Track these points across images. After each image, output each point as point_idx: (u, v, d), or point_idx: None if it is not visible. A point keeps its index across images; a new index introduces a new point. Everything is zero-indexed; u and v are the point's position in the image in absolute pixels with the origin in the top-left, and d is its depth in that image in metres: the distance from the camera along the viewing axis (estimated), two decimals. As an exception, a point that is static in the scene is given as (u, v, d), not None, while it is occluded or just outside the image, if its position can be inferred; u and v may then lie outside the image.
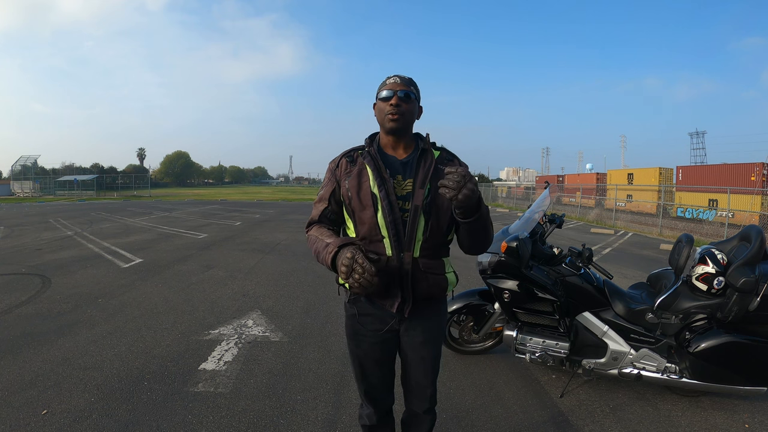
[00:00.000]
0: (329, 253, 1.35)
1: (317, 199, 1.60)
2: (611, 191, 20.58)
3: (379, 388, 1.68)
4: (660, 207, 15.01)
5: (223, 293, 5.10)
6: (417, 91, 1.54)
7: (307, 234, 1.59)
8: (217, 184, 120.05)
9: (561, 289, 2.79)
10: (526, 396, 2.79)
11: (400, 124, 1.48)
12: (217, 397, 2.70)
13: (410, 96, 1.49)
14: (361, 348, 1.60)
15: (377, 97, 1.54)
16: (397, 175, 1.49)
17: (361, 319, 1.57)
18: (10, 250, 8.34)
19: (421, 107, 1.59)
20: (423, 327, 1.57)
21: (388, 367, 1.66)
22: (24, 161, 50.57)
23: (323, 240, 1.44)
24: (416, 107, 1.54)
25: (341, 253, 1.30)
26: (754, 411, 2.63)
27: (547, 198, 3.23)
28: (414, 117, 1.54)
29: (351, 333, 1.62)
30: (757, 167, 16.05)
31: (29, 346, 3.46)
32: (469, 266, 6.41)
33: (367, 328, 1.57)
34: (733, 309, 2.48)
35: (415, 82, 1.55)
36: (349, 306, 1.61)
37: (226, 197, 36.63)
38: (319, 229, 1.54)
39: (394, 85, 1.49)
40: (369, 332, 1.57)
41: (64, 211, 20.01)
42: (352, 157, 1.54)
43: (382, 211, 1.44)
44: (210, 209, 20.79)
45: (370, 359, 1.61)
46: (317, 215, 1.58)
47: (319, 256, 1.43)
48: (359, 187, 1.48)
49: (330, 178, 1.56)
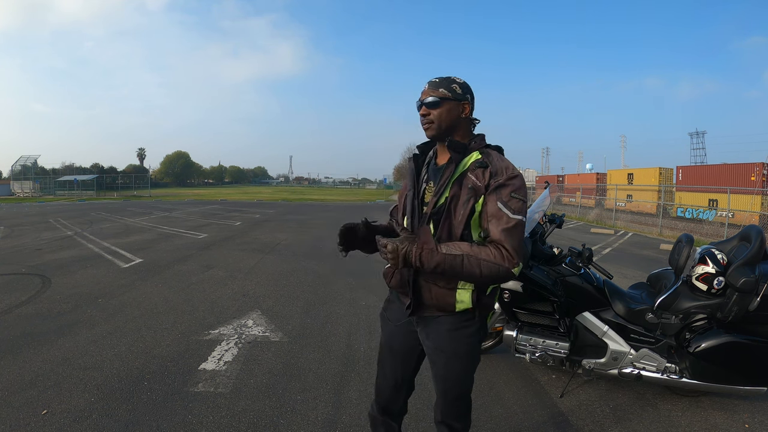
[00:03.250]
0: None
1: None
2: (611, 191, 20.59)
3: (388, 380, 1.69)
4: (660, 207, 15.01)
5: (223, 293, 5.11)
6: (450, 89, 1.46)
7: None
8: (217, 184, 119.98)
9: (561, 289, 2.79)
10: (526, 396, 2.79)
11: (433, 132, 1.49)
12: (217, 397, 2.70)
13: (437, 101, 1.45)
14: (384, 331, 1.72)
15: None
16: (430, 181, 1.53)
17: (387, 305, 1.71)
18: (10, 250, 8.34)
19: (465, 104, 1.48)
20: (434, 334, 1.52)
21: (401, 362, 1.66)
22: (24, 161, 50.54)
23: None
24: (451, 108, 1.46)
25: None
26: (754, 411, 2.63)
27: (547, 198, 3.22)
28: (450, 119, 1.47)
29: (381, 313, 1.74)
30: (757, 167, 16.05)
31: (29, 346, 3.46)
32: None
33: (390, 314, 1.68)
34: (733, 309, 2.48)
35: (450, 80, 1.48)
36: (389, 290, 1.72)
37: (226, 197, 36.63)
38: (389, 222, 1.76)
39: (422, 94, 1.50)
40: (391, 318, 1.67)
41: (64, 211, 20.01)
42: (412, 157, 1.64)
43: (410, 216, 1.54)
44: (210, 209, 20.79)
45: (387, 346, 1.70)
46: (392, 209, 1.79)
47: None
48: (404, 192, 1.61)
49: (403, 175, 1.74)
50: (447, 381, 1.56)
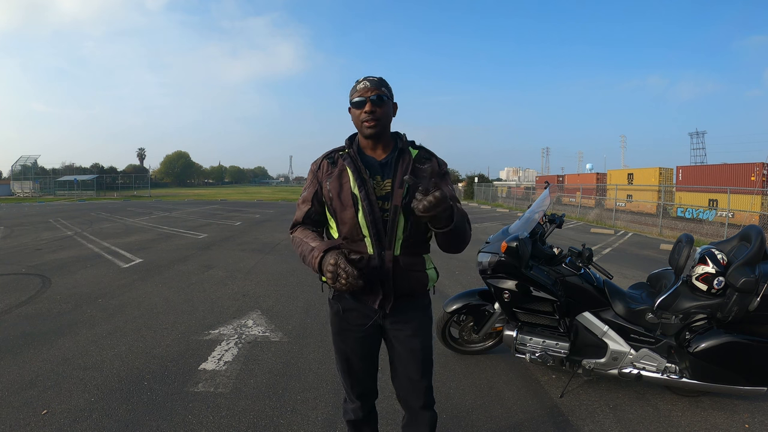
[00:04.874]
0: (315, 258, 1.40)
1: (300, 200, 1.63)
2: (611, 191, 20.58)
3: (365, 382, 1.72)
4: (660, 207, 15.00)
5: (223, 293, 5.11)
6: (389, 89, 1.54)
7: (291, 236, 1.62)
8: (217, 184, 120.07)
9: (561, 289, 2.79)
10: (526, 396, 2.79)
11: (377, 129, 1.50)
12: (217, 397, 2.70)
13: (383, 98, 1.49)
14: (347, 344, 1.65)
15: (351, 102, 1.53)
16: (376, 176, 1.52)
17: (345, 315, 1.62)
18: (10, 250, 8.34)
19: (395, 104, 1.60)
20: (409, 320, 1.60)
21: (371, 361, 1.70)
22: (24, 161, 50.57)
23: (308, 243, 1.49)
24: (390, 107, 1.55)
25: (326, 258, 1.37)
26: (754, 411, 2.63)
27: (547, 198, 3.22)
28: (390, 117, 1.55)
29: (337, 329, 1.66)
30: (757, 167, 16.04)
31: (29, 346, 3.46)
32: (469, 266, 6.43)
33: (352, 323, 1.62)
34: (733, 309, 2.48)
35: (385, 81, 1.55)
36: (333, 302, 1.65)
37: (226, 197, 36.63)
38: (304, 231, 1.57)
39: (365, 91, 1.49)
40: (354, 327, 1.62)
41: (64, 211, 20.01)
42: (333, 159, 1.56)
43: (362, 211, 1.48)
44: (210, 209, 20.79)
45: (356, 354, 1.65)
46: (301, 217, 1.62)
47: (305, 259, 1.48)
48: (340, 188, 1.52)
49: (312, 180, 1.59)
50: (426, 360, 1.66)
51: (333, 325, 1.67)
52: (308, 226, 1.60)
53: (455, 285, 5.38)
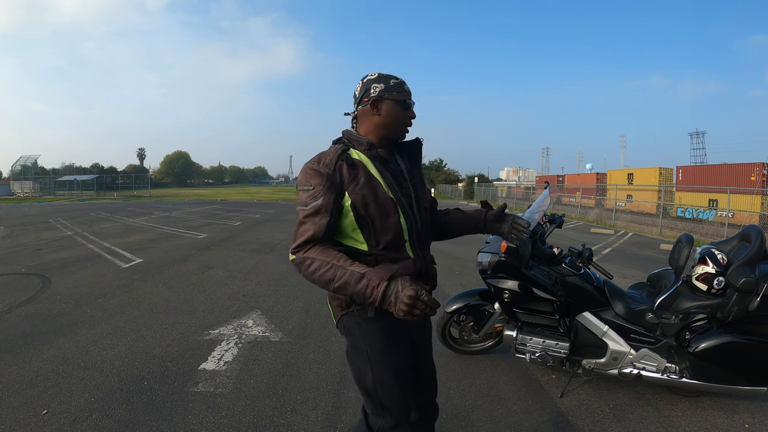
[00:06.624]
0: (376, 288, 1.19)
1: (311, 211, 1.33)
2: (611, 191, 20.57)
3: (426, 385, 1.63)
4: (660, 207, 15.00)
5: (223, 293, 5.10)
6: None
7: (303, 257, 1.33)
8: (217, 184, 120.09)
9: (561, 289, 2.79)
10: (526, 396, 2.79)
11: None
12: (217, 397, 2.70)
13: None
14: (399, 356, 1.43)
15: (392, 98, 1.42)
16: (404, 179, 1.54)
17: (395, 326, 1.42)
18: (10, 250, 8.34)
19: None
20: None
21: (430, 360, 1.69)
22: (24, 161, 50.57)
23: (345, 268, 1.25)
24: None
25: (393, 287, 1.19)
26: (754, 411, 2.63)
27: (547, 198, 3.22)
28: None
29: (384, 341, 1.40)
30: (757, 167, 16.04)
31: (29, 346, 3.46)
32: (470, 266, 6.43)
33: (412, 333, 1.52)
34: (733, 309, 2.48)
35: None
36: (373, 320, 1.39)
37: (226, 197, 36.63)
38: (326, 251, 1.31)
39: (410, 95, 1.49)
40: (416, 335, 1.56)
41: (64, 211, 20.01)
42: (350, 161, 1.38)
43: (404, 215, 1.43)
44: (210, 209, 20.79)
45: (407, 363, 1.47)
46: (321, 232, 1.33)
47: (346, 288, 1.25)
48: (375, 194, 1.36)
49: (328, 186, 1.32)
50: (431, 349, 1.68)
51: (376, 338, 1.40)
52: (328, 244, 1.35)
53: (455, 285, 5.38)
